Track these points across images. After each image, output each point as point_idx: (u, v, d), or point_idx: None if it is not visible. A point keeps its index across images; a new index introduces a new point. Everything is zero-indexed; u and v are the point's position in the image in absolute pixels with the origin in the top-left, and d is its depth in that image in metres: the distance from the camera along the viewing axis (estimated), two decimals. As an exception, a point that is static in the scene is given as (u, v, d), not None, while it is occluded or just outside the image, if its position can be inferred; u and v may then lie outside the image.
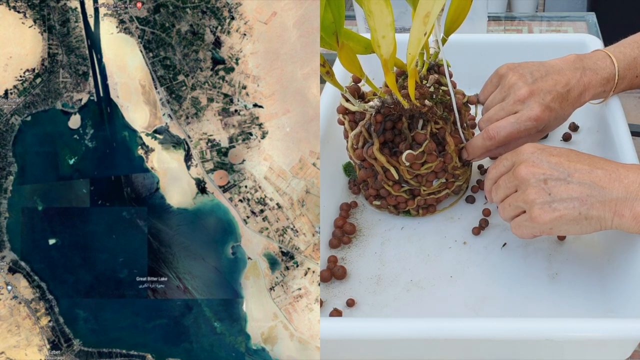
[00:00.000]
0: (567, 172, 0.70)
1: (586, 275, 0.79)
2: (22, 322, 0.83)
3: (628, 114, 0.90)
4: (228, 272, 0.85)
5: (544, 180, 0.70)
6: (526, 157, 0.72)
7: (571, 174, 0.69)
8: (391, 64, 0.75)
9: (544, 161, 0.71)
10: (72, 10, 0.85)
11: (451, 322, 0.67)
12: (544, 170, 0.71)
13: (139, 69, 0.85)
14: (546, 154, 0.72)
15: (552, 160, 0.71)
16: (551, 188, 0.70)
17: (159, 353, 0.84)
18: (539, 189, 0.70)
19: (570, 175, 0.69)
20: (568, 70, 0.88)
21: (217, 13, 0.85)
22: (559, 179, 0.69)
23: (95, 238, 0.84)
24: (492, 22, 1.48)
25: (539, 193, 0.70)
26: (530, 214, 0.72)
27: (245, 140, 0.85)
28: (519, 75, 0.87)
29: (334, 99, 0.96)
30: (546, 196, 0.70)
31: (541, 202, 0.70)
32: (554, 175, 0.70)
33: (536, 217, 0.71)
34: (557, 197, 0.69)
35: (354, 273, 0.83)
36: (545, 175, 0.70)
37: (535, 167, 0.71)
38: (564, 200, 0.69)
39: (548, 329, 0.65)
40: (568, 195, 0.69)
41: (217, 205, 0.85)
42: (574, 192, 0.69)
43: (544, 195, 0.70)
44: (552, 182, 0.70)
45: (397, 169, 0.84)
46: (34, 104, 0.85)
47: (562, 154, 0.72)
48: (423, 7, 0.69)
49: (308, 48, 0.85)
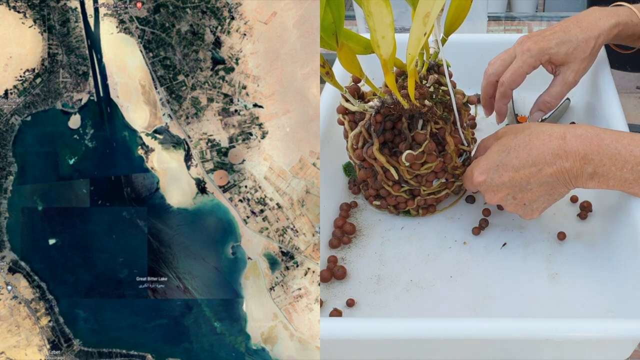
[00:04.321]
0: (524, 182, 0.77)
1: (586, 275, 0.79)
2: (22, 322, 0.83)
3: (628, 114, 0.91)
4: (228, 272, 0.85)
5: (512, 197, 0.79)
6: (485, 188, 0.80)
7: (527, 182, 0.77)
8: (391, 64, 0.75)
9: (499, 184, 0.78)
10: (72, 10, 0.85)
11: (451, 322, 0.67)
12: (505, 192, 0.79)
13: (139, 69, 0.85)
14: (496, 177, 0.78)
15: (505, 179, 0.78)
16: (521, 200, 0.79)
17: (159, 353, 0.84)
18: (514, 205, 0.80)
19: (528, 183, 0.77)
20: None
21: (217, 13, 0.85)
22: (521, 190, 0.78)
23: (95, 238, 0.84)
24: (492, 22, 1.48)
25: (516, 208, 0.80)
26: (522, 218, 0.82)
27: (245, 140, 0.85)
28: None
29: (334, 99, 0.96)
30: (522, 206, 0.80)
31: (523, 211, 0.81)
32: (516, 190, 0.78)
33: (528, 219, 0.83)
34: (530, 200, 0.79)
35: (354, 273, 0.83)
36: (509, 194, 0.79)
37: (497, 193, 0.79)
38: (536, 200, 0.79)
39: (548, 329, 0.65)
40: (536, 197, 0.78)
41: (217, 205, 0.85)
42: (539, 192, 0.78)
43: (520, 207, 0.80)
44: (519, 195, 0.79)
45: (397, 169, 0.84)
46: (34, 104, 0.85)
47: (507, 167, 0.77)
48: (423, 7, 0.69)
49: (308, 48, 0.85)
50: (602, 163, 0.73)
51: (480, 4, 1.26)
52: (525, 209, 0.80)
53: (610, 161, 0.73)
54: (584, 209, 0.87)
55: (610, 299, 0.75)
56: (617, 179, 0.74)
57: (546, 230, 0.86)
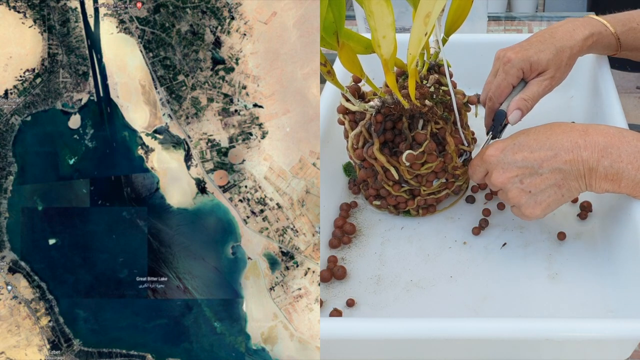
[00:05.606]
0: (536, 165, 0.74)
1: (586, 275, 0.79)
2: (22, 322, 0.83)
3: (628, 114, 0.91)
4: (228, 272, 0.85)
5: (520, 181, 0.76)
6: (494, 164, 0.78)
7: (540, 165, 0.74)
8: (391, 64, 0.75)
9: (511, 163, 0.76)
10: (72, 10, 0.85)
11: (451, 322, 0.67)
12: (515, 172, 0.76)
13: (139, 69, 0.85)
14: (510, 154, 0.76)
15: (518, 158, 0.75)
16: (528, 185, 0.75)
17: (159, 353, 0.84)
18: (519, 190, 0.76)
19: (540, 166, 0.74)
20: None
21: (217, 13, 0.85)
22: (531, 174, 0.75)
23: (95, 238, 0.84)
24: (492, 22, 1.48)
25: (520, 195, 0.76)
26: (522, 212, 0.78)
27: (245, 140, 0.85)
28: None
29: (334, 99, 0.96)
30: (527, 194, 0.76)
31: (526, 201, 0.76)
32: (526, 173, 0.75)
33: (528, 214, 0.78)
34: (537, 190, 0.75)
35: (354, 273, 0.83)
36: (518, 176, 0.76)
37: (506, 172, 0.76)
38: (544, 191, 0.75)
39: (548, 329, 0.65)
40: (545, 185, 0.75)
41: (217, 205, 0.85)
42: (549, 180, 0.75)
43: (524, 195, 0.76)
44: (527, 180, 0.75)
45: (397, 169, 0.84)
46: (34, 104, 0.85)
47: (523, 147, 0.76)
48: (424, 7, 0.69)
49: (308, 48, 0.85)
50: (620, 159, 0.72)
51: (480, 4, 1.26)
52: (529, 199, 0.76)
53: (628, 158, 0.72)
54: (584, 209, 0.87)
55: (610, 299, 0.76)
56: (631, 180, 0.73)
57: (546, 230, 0.86)
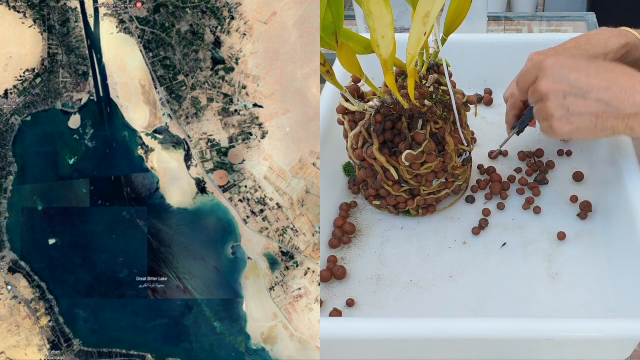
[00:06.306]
0: (585, 89, 0.74)
1: (586, 275, 0.79)
2: (22, 322, 0.83)
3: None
4: (228, 272, 0.85)
5: (564, 97, 0.76)
6: (548, 73, 0.77)
7: (589, 90, 0.74)
8: (391, 64, 0.75)
9: (564, 78, 0.76)
10: (72, 10, 0.85)
11: (451, 322, 0.67)
12: (563, 87, 0.76)
13: (139, 69, 0.85)
14: (566, 70, 0.76)
15: (572, 77, 0.75)
16: (569, 104, 0.75)
17: (159, 353, 0.84)
18: (558, 104, 0.76)
19: (589, 92, 0.74)
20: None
21: (217, 13, 0.85)
22: (577, 95, 0.75)
23: (95, 238, 0.84)
24: (492, 22, 1.48)
25: (557, 108, 0.76)
26: (551, 125, 0.78)
27: (245, 140, 0.85)
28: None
29: (334, 99, 0.96)
30: (564, 111, 0.76)
31: (559, 116, 0.77)
32: (573, 92, 0.75)
33: (556, 129, 0.78)
34: (575, 111, 0.75)
35: (354, 273, 0.83)
36: (565, 92, 0.76)
37: (555, 83, 0.76)
38: (581, 115, 0.75)
39: (548, 329, 0.65)
40: (585, 110, 0.75)
41: (217, 205, 0.85)
42: (591, 108, 0.74)
43: (562, 110, 0.76)
44: (571, 99, 0.75)
45: (397, 169, 0.84)
46: (34, 104, 0.85)
47: (581, 69, 0.75)
48: (423, 7, 0.69)
49: (308, 48, 0.85)
50: None
51: (480, 4, 1.26)
52: (564, 115, 0.76)
53: None
54: (584, 209, 0.87)
55: (610, 299, 0.76)
56: None
57: (546, 230, 0.86)
